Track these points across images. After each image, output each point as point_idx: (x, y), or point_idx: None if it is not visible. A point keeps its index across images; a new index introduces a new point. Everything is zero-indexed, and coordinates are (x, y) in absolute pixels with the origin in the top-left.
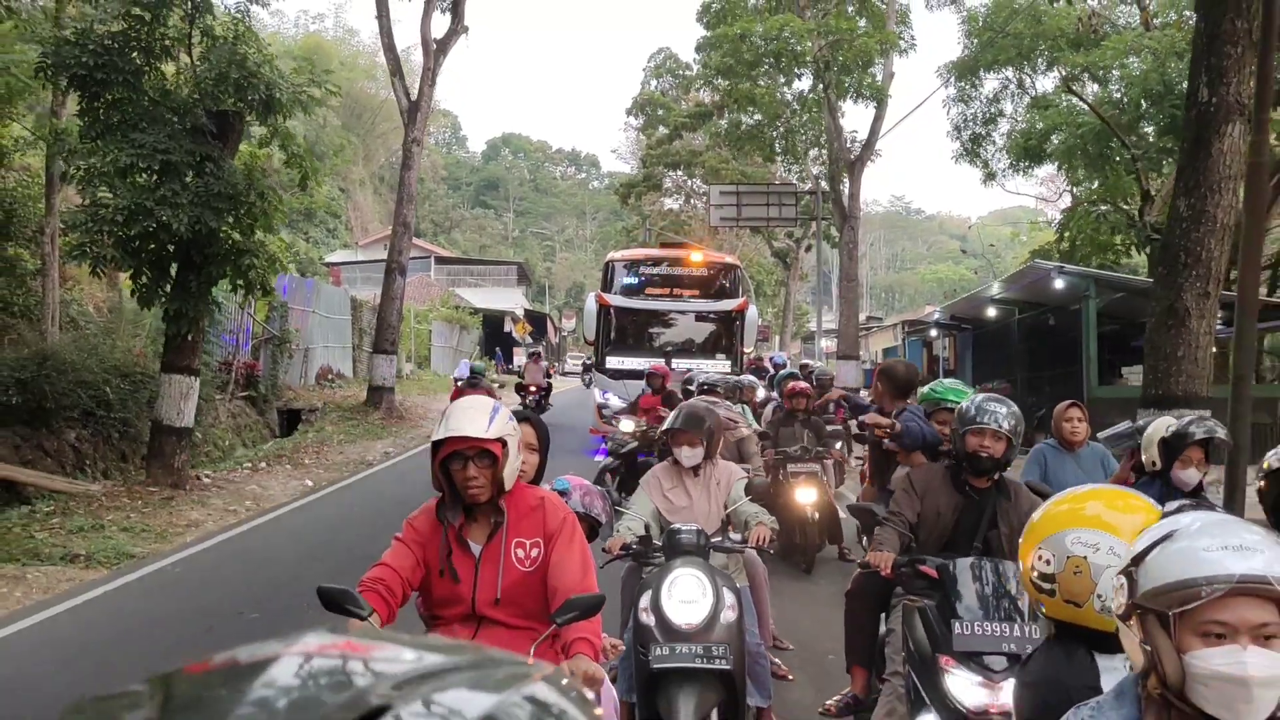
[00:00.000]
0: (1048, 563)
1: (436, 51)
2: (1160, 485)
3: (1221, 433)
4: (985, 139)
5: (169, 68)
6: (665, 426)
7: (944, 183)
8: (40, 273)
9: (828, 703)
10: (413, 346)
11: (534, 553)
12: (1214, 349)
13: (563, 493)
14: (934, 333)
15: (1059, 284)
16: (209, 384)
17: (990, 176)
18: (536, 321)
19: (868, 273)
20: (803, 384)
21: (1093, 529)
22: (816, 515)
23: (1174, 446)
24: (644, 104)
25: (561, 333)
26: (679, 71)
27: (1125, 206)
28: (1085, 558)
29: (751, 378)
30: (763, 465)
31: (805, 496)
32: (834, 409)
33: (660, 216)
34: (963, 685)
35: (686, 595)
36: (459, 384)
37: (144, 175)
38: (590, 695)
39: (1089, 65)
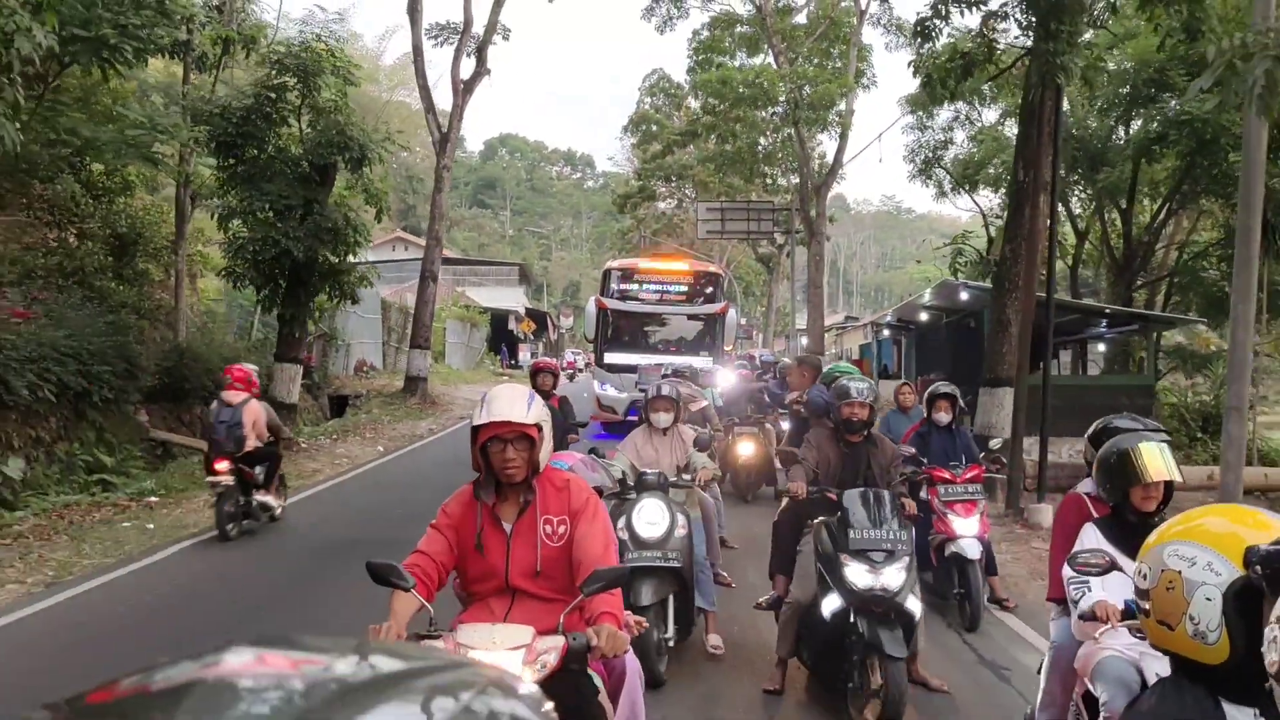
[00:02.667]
0: (1144, 577)
1: (464, 91)
2: (928, 424)
3: (955, 390)
4: (936, 162)
5: (284, 131)
6: (646, 398)
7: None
8: (172, 283)
9: (759, 600)
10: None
11: (561, 529)
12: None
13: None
14: (886, 333)
15: (964, 295)
16: None
17: (942, 194)
18: (537, 319)
19: (858, 271)
20: (747, 370)
21: (1192, 541)
22: (753, 462)
23: (930, 400)
24: (639, 121)
25: (560, 330)
26: (671, 91)
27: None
28: (1179, 572)
29: (718, 366)
30: (722, 427)
31: (745, 449)
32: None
33: (654, 220)
34: (856, 573)
35: (650, 518)
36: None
37: (265, 213)
38: (616, 656)
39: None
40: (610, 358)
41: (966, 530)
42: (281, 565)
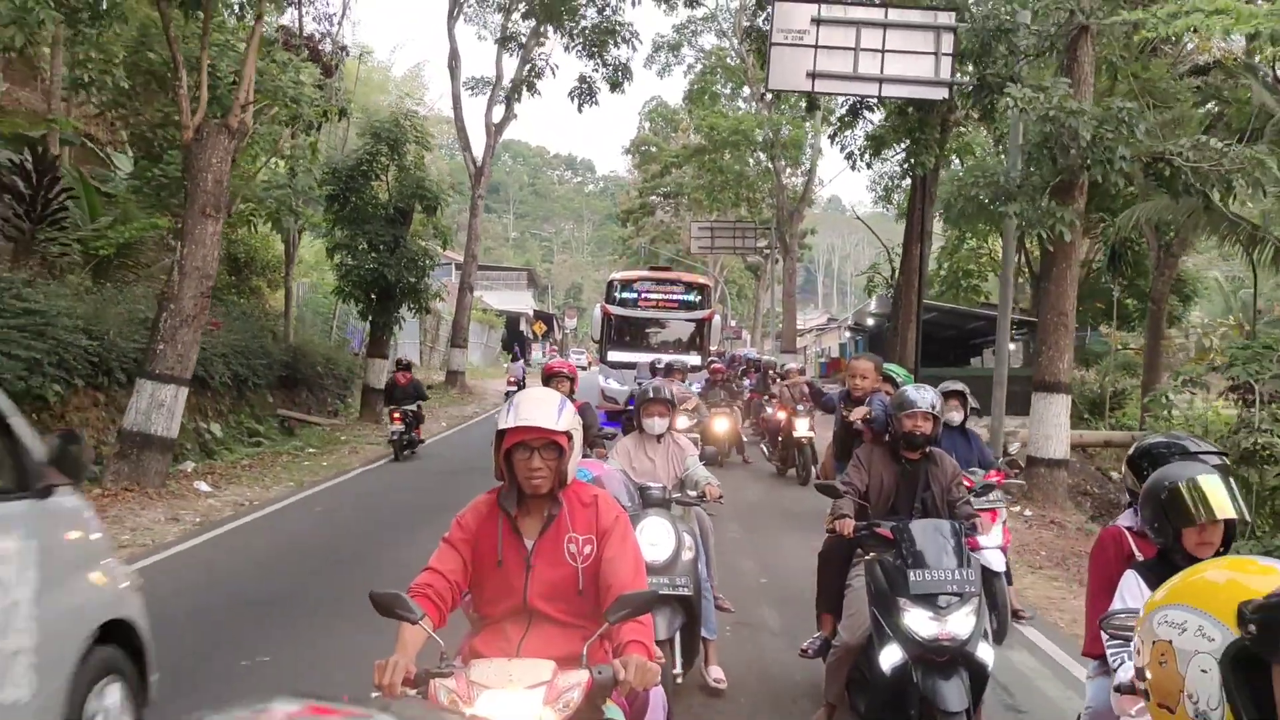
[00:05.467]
0: (1139, 653)
1: (495, 131)
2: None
3: (964, 387)
4: (896, 188)
5: (375, 183)
6: (638, 400)
7: None
8: (271, 295)
9: (804, 645)
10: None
11: (586, 549)
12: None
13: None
14: (847, 334)
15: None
16: None
17: (901, 217)
18: (545, 321)
19: (852, 272)
20: (720, 365)
21: (1182, 604)
22: (725, 435)
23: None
24: (639, 145)
25: (564, 330)
26: (669, 116)
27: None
28: (1170, 642)
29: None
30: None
31: (720, 425)
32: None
33: (653, 228)
34: (919, 620)
35: (654, 539)
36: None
37: (363, 246)
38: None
39: (959, 147)
40: (613, 356)
41: (989, 541)
42: (429, 478)
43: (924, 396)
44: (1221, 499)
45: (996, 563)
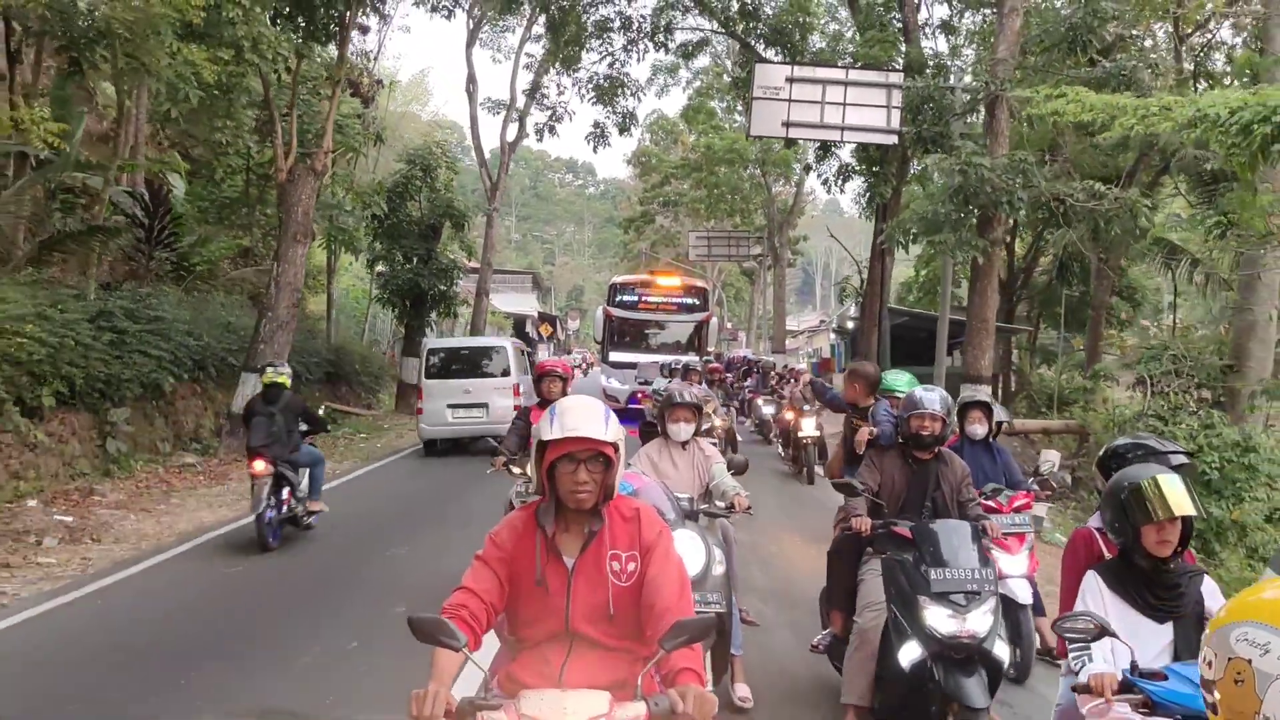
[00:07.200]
0: (1209, 665)
1: (509, 149)
2: (961, 439)
3: (984, 396)
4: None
5: (410, 203)
6: (664, 403)
7: None
8: (326, 303)
9: (814, 640)
10: None
11: (630, 567)
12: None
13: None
14: (833, 336)
15: None
16: None
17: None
18: (550, 323)
19: (850, 274)
20: (717, 365)
21: (1264, 623)
22: (718, 434)
23: (961, 410)
24: (640, 156)
25: (567, 332)
26: (669, 128)
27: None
28: (1249, 661)
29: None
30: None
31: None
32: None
33: (653, 233)
34: (939, 617)
35: (684, 553)
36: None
37: (399, 258)
38: None
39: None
40: (615, 356)
41: (1014, 569)
42: None
43: (931, 398)
44: (1179, 497)
45: (1022, 594)
